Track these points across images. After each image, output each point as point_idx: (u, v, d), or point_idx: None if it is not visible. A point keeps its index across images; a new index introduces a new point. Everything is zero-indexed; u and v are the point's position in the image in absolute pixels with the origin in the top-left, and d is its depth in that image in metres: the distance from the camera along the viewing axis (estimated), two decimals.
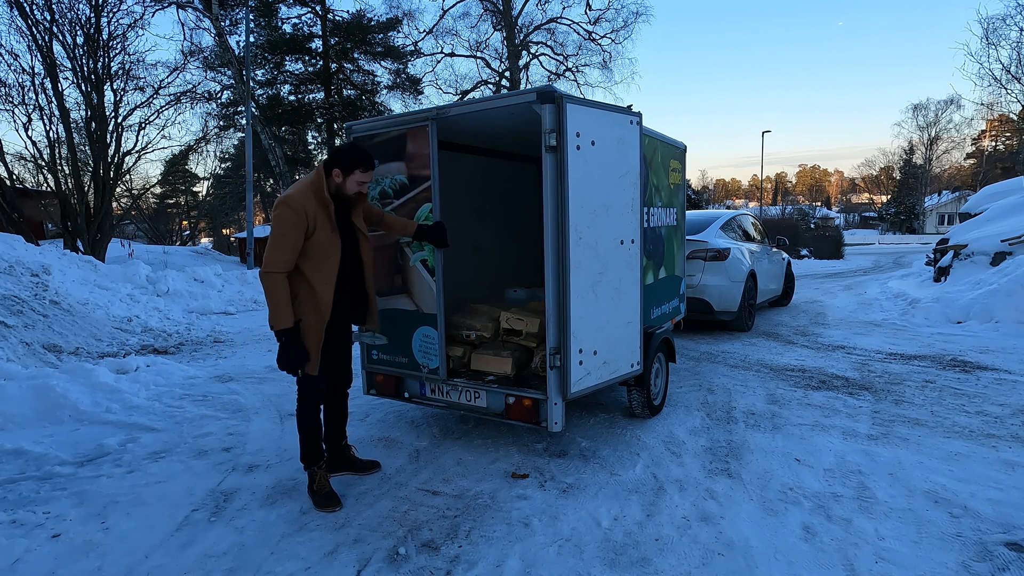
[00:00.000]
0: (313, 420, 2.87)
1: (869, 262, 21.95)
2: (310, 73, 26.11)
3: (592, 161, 3.09)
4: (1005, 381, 4.72)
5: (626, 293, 3.42)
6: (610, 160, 3.23)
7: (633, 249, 3.49)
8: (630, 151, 3.39)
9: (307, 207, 2.66)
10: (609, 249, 3.27)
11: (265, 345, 7.02)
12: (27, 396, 4.15)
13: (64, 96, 13.79)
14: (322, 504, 2.78)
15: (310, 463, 2.87)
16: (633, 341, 3.53)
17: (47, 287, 7.23)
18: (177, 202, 41.09)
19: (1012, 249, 8.66)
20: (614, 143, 3.25)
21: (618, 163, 3.30)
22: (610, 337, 3.31)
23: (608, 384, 3.38)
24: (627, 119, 3.36)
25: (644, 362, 3.66)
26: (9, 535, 2.55)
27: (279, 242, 2.62)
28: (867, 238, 46.09)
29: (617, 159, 3.29)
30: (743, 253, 7.14)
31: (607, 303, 3.27)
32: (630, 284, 3.46)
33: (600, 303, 3.22)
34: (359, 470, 3.18)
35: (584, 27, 27.57)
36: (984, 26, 20.65)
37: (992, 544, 2.36)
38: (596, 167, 3.13)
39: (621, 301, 3.38)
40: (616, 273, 3.34)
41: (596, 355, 3.21)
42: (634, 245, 3.49)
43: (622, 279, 3.38)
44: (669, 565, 2.26)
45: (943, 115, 52.10)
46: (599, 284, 3.21)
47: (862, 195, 77.04)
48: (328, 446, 3.12)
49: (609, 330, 3.30)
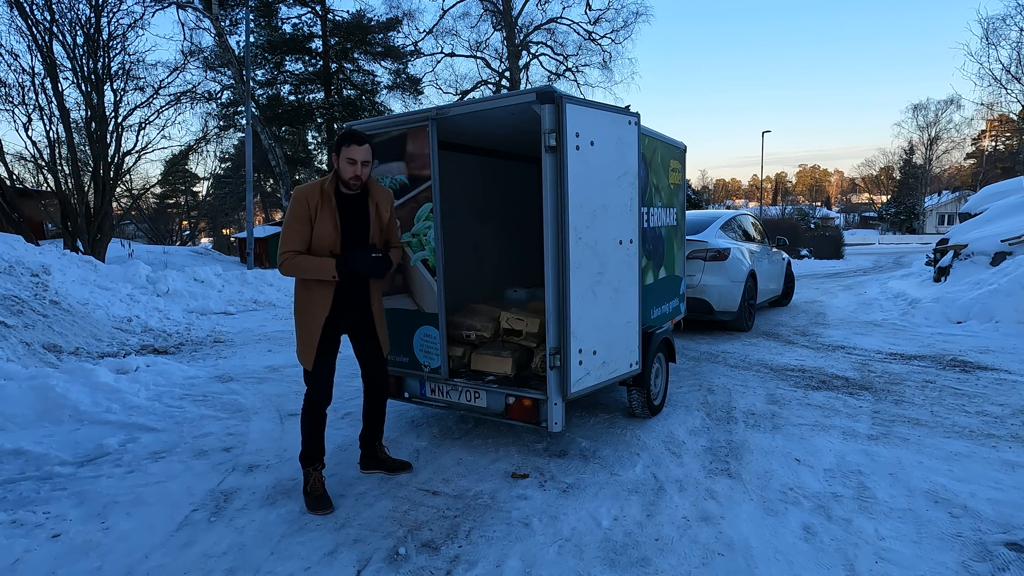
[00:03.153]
0: (312, 420, 2.88)
1: (869, 262, 21.95)
2: (310, 73, 26.12)
3: (591, 161, 3.09)
4: (1005, 381, 4.72)
5: (624, 293, 3.41)
6: (609, 160, 3.22)
7: (631, 249, 3.48)
8: (628, 151, 3.38)
9: (310, 198, 2.73)
10: (608, 249, 3.26)
11: (265, 345, 7.02)
12: (27, 396, 4.15)
13: (64, 96, 13.79)
14: (312, 507, 2.77)
15: (305, 463, 2.88)
16: (631, 341, 3.52)
17: (47, 287, 7.23)
18: (177, 202, 41.09)
19: (1012, 249, 8.66)
20: (613, 143, 3.24)
21: (616, 163, 3.29)
22: (609, 337, 3.31)
23: (607, 384, 3.37)
24: (625, 119, 3.35)
25: (643, 362, 3.64)
26: (9, 535, 2.55)
27: (286, 231, 2.75)
28: (867, 238, 46.09)
29: (615, 159, 3.28)
30: (743, 253, 7.14)
31: (606, 303, 3.27)
32: (628, 284, 3.45)
33: (599, 303, 3.22)
34: (390, 470, 3.18)
35: (584, 27, 27.61)
36: (984, 26, 20.71)
37: (992, 544, 2.36)
38: (595, 167, 3.13)
39: (620, 300, 3.37)
40: (615, 273, 3.33)
41: (595, 355, 3.21)
42: (632, 245, 3.48)
43: (621, 279, 3.38)
44: (669, 565, 2.26)
45: (943, 115, 52.16)
46: (599, 284, 3.20)
47: (862, 195, 77.05)
48: (362, 445, 3.20)
49: (608, 330, 3.30)
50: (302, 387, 5.11)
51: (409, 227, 3.48)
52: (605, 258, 3.24)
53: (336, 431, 3.84)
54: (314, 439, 2.89)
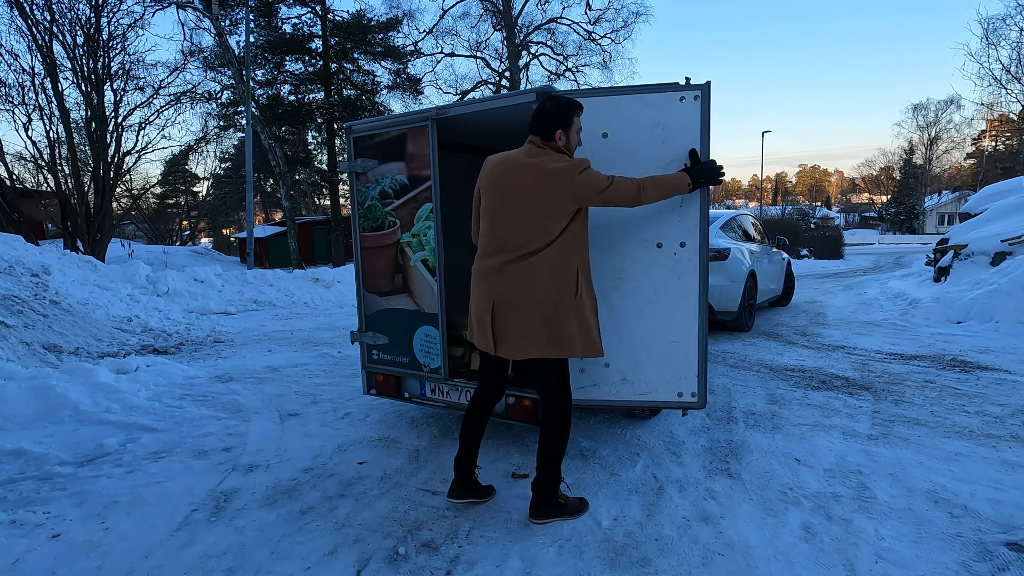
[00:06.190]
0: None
1: (869, 262, 21.96)
2: (310, 73, 26.13)
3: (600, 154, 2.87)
4: (1005, 381, 4.72)
5: (665, 306, 3.01)
6: (634, 150, 2.92)
7: (683, 255, 2.95)
8: (678, 135, 2.88)
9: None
10: (634, 253, 2.99)
11: (265, 345, 7.02)
12: (27, 396, 4.15)
13: (64, 96, 13.82)
14: (578, 509, 2.64)
15: (560, 471, 2.64)
16: (680, 365, 3.02)
17: (47, 287, 7.23)
18: (177, 202, 41.14)
19: (1012, 249, 8.66)
20: (646, 129, 2.90)
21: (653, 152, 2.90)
22: (637, 354, 3.02)
23: (639, 406, 3.14)
24: (674, 97, 2.86)
25: (703, 392, 3.04)
26: (9, 535, 2.55)
27: (597, 172, 2.54)
28: (867, 238, 46.12)
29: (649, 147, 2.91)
30: (743, 253, 7.14)
31: (631, 314, 3.01)
32: (673, 296, 3.00)
33: (615, 312, 3.00)
34: (482, 496, 2.80)
35: (584, 27, 27.65)
36: (984, 26, 20.76)
37: (992, 544, 2.35)
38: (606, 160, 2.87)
39: (657, 315, 3.00)
40: (647, 280, 3.00)
41: (608, 368, 3.03)
42: (685, 250, 2.95)
43: (657, 289, 3.00)
44: (669, 565, 2.26)
45: (943, 115, 52.24)
46: (613, 291, 3.00)
47: (862, 195, 77.10)
48: (457, 468, 2.76)
49: (635, 345, 3.02)
50: (302, 387, 5.12)
51: (409, 227, 3.48)
52: (627, 263, 2.99)
53: (336, 431, 3.84)
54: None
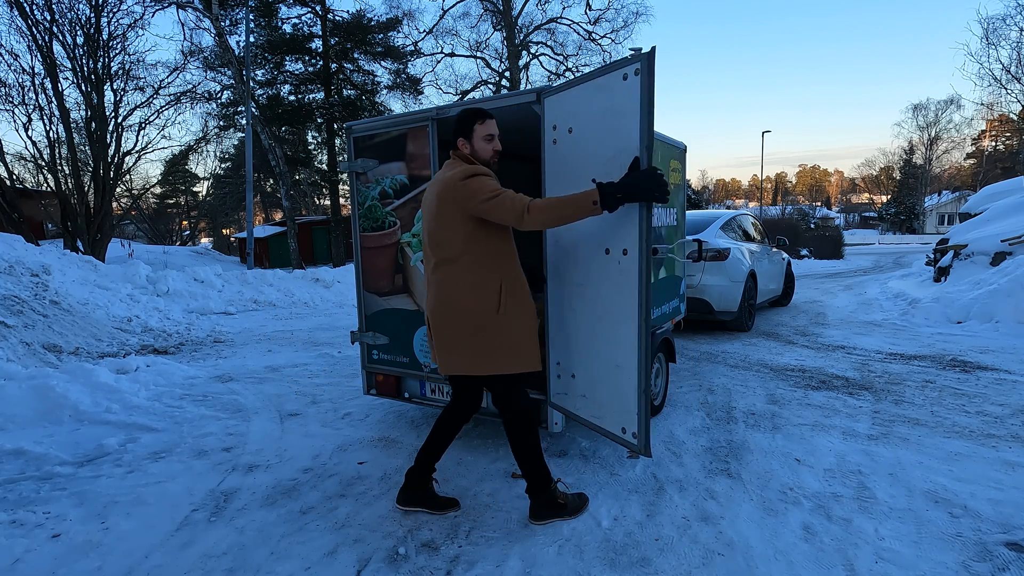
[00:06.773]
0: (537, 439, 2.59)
1: (869, 262, 21.96)
2: (310, 73, 26.12)
3: (568, 152, 2.64)
4: (1005, 381, 4.72)
5: (611, 323, 2.43)
6: (591, 144, 2.49)
7: (627, 263, 2.31)
8: (621, 123, 2.29)
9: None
10: (589, 257, 2.54)
11: (265, 345, 7.02)
12: (27, 396, 4.15)
13: (64, 96, 13.82)
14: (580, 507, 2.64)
15: (548, 481, 2.59)
16: (625, 397, 2.39)
17: (47, 287, 7.23)
18: (177, 202, 41.15)
19: (1012, 249, 8.66)
20: (596, 118, 2.43)
21: (603, 144, 2.41)
22: (592, 371, 2.61)
23: (595, 429, 2.65)
24: (617, 75, 2.26)
25: (644, 435, 2.36)
26: (9, 535, 2.55)
27: (501, 192, 2.44)
28: (867, 238, 46.12)
29: (601, 139, 2.43)
30: (743, 253, 7.14)
31: (586, 324, 2.60)
32: (620, 312, 2.38)
33: (577, 320, 2.65)
34: (436, 508, 2.69)
35: (584, 27, 27.63)
36: (984, 26, 20.78)
37: (992, 544, 2.35)
38: (572, 158, 2.61)
39: (603, 331, 2.49)
40: (598, 290, 2.50)
41: (574, 379, 2.74)
42: (629, 258, 2.30)
43: (607, 301, 2.45)
44: (669, 565, 2.26)
45: (943, 115, 52.26)
46: (577, 297, 2.64)
47: (862, 195, 77.09)
48: (409, 473, 2.70)
49: (590, 360, 2.61)
50: (302, 387, 5.13)
51: (409, 227, 3.48)
52: (588, 269, 2.55)
53: (336, 431, 3.84)
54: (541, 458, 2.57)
